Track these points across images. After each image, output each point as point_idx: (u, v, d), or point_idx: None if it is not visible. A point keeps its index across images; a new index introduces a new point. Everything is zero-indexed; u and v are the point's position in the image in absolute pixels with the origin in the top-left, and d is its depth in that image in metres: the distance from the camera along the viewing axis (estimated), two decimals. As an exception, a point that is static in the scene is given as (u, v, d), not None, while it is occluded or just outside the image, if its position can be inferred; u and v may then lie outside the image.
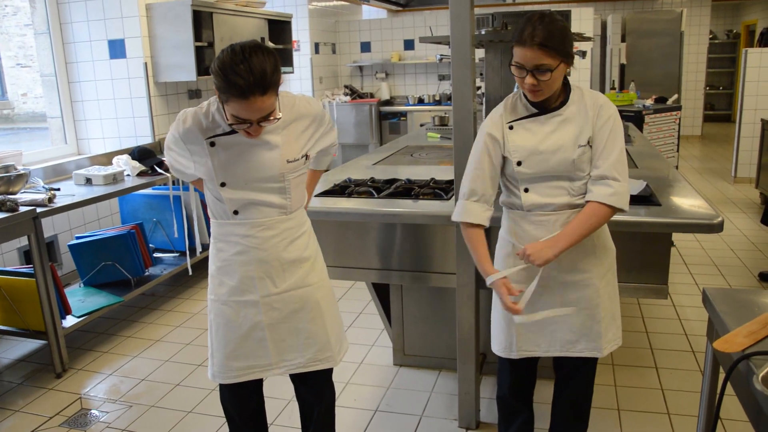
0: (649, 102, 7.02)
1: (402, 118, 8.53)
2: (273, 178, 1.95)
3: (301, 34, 8.05)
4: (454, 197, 2.61)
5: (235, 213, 1.97)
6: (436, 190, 2.81)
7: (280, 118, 1.88)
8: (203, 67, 4.98)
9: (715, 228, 2.27)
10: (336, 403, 2.35)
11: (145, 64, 4.93)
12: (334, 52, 8.97)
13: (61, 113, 5.07)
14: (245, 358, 2.08)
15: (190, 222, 4.62)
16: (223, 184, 1.94)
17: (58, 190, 3.76)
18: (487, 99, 3.50)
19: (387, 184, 2.97)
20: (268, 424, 2.41)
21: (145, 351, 3.71)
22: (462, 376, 2.70)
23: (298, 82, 8.21)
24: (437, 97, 8.66)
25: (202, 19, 4.96)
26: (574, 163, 1.99)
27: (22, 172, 3.65)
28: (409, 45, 8.96)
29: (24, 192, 3.61)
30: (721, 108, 13.59)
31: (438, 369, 3.33)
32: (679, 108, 6.99)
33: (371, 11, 10.43)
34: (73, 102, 5.13)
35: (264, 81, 1.73)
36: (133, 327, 4.05)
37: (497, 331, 2.23)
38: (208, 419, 2.97)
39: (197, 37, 4.88)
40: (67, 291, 3.74)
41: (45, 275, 3.29)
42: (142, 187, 4.18)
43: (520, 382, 2.33)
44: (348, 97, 8.61)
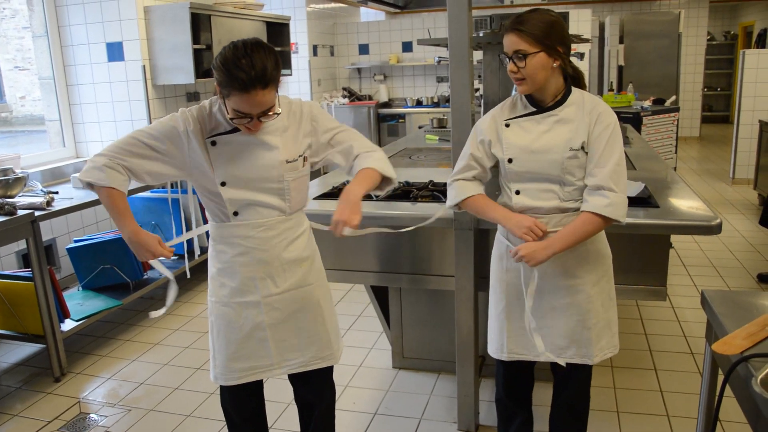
0: (647, 103, 7.03)
1: (400, 121, 8.53)
2: (272, 178, 1.96)
3: (299, 37, 8.05)
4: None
5: (235, 214, 1.98)
6: (435, 192, 2.81)
7: (279, 113, 1.91)
8: (202, 70, 4.98)
9: (714, 230, 2.28)
10: (335, 405, 2.35)
11: (144, 66, 4.93)
12: (332, 55, 8.98)
13: (59, 116, 5.07)
14: (247, 359, 2.08)
15: (188, 225, 4.61)
16: (223, 183, 1.95)
17: (57, 193, 3.75)
18: (485, 101, 3.50)
19: (385, 186, 2.96)
20: (269, 427, 2.41)
21: (144, 354, 3.70)
22: (461, 378, 2.70)
23: (297, 84, 8.21)
24: (435, 99, 8.66)
25: (200, 22, 4.96)
26: (563, 166, 1.99)
27: (20, 175, 3.65)
28: (407, 47, 8.97)
29: (22, 195, 3.60)
30: (719, 109, 13.60)
31: (437, 372, 3.33)
32: (677, 109, 7.00)
33: (369, 13, 10.44)
34: (71, 105, 5.13)
35: (265, 75, 1.77)
36: (131, 330, 4.05)
37: (491, 332, 2.26)
38: (208, 423, 2.97)
39: (195, 39, 4.88)
40: (65, 294, 3.73)
41: (43, 279, 3.29)
42: (140, 191, 4.18)
43: (514, 383, 2.34)
44: (346, 100, 8.62)
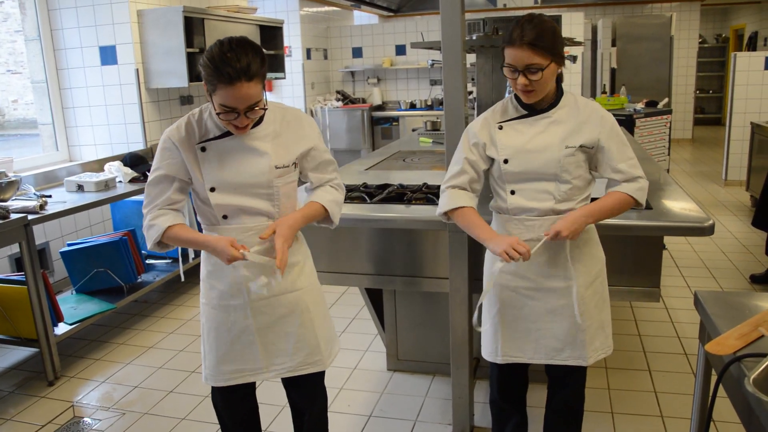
0: (639, 106, 7.07)
1: (394, 123, 8.55)
2: (262, 184, 1.96)
3: (292, 40, 8.06)
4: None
5: (225, 218, 1.98)
6: (429, 194, 2.81)
7: (266, 108, 1.92)
8: (195, 74, 4.98)
9: (706, 231, 2.29)
10: (330, 408, 2.35)
11: (137, 70, 4.92)
12: (325, 58, 8.98)
13: (52, 120, 5.06)
14: (235, 362, 2.08)
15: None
16: (212, 189, 1.95)
17: (50, 197, 3.74)
18: (478, 104, 3.51)
19: (379, 189, 2.97)
20: (262, 430, 2.40)
21: (138, 358, 3.69)
22: (456, 380, 2.70)
23: (290, 87, 8.21)
24: (429, 102, 8.68)
25: (193, 26, 4.96)
26: (560, 163, 2.00)
27: (13, 179, 3.63)
28: (400, 50, 8.98)
29: (15, 199, 3.59)
30: (711, 111, 13.68)
31: (432, 374, 3.34)
32: (669, 112, 7.05)
33: (363, 17, 10.45)
34: (64, 108, 5.11)
35: (250, 69, 1.79)
36: (125, 334, 4.04)
37: (485, 335, 2.25)
38: (202, 426, 2.96)
39: (189, 43, 4.88)
40: (59, 298, 3.72)
41: (36, 282, 3.28)
42: (134, 194, 4.17)
43: (508, 385, 2.34)
44: (340, 103, 8.62)
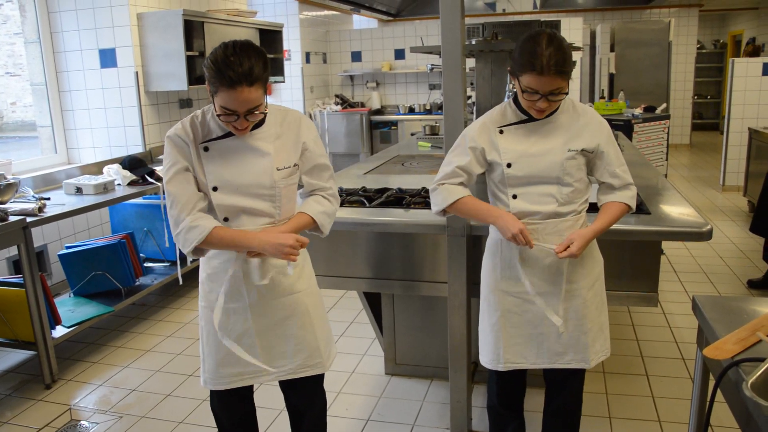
0: (638, 111, 7.08)
1: (393, 128, 8.56)
2: (264, 184, 1.97)
3: (292, 44, 8.07)
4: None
5: (225, 220, 1.98)
6: (427, 199, 2.81)
7: (266, 113, 1.94)
8: (194, 77, 4.98)
9: (704, 236, 2.29)
10: (327, 412, 2.34)
11: (136, 73, 4.92)
12: (325, 62, 9.00)
13: (51, 122, 5.05)
14: (235, 365, 2.08)
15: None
16: (215, 189, 1.95)
17: (48, 199, 3.74)
18: (477, 108, 3.52)
19: (378, 193, 2.97)
20: (260, 434, 2.40)
21: (136, 361, 3.69)
22: (454, 384, 2.70)
23: (289, 91, 8.22)
24: (428, 107, 8.69)
25: (193, 29, 4.96)
26: (563, 166, 2.01)
27: (12, 181, 3.63)
28: (399, 54, 9.00)
29: (14, 201, 3.59)
30: (709, 117, 13.71)
31: (430, 378, 3.33)
32: (667, 117, 7.06)
33: (362, 21, 10.47)
34: (63, 111, 5.11)
35: (252, 73, 1.80)
36: (123, 337, 4.03)
37: (485, 343, 2.24)
38: (200, 429, 2.96)
39: (188, 46, 4.88)
40: (56, 301, 3.71)
41: (35, 285, 3.27)
42: (133, 197, 4.17)
43: (508, 392, 2.34)
44: (339, 107, 8.63)
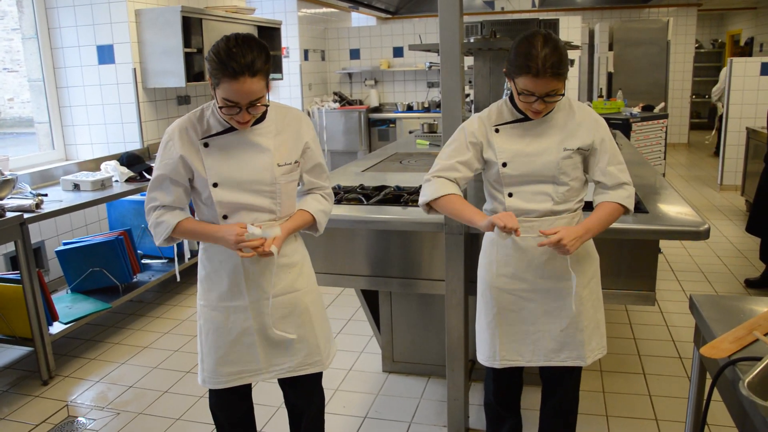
0: (636, 110, 7.08)
1: (391, 125, 8.55)
2: (265, 180, 1.96)
3: (290, 41, 8.06)
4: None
5: (225, 218, 1.98)
6: (426, 196, 2.81)
7: (268, 105, 1.94)
8: (192, 73, 4.97)
9: (702, 235, 2.30)
10: (325, 409, 2.34)
11: (134, 69, 4.91)
12: (323, 59, 8.98)
13: (48, 118, 5.04)
14: (235, 364, 2.08)
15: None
16: (215, 185, 1.95)
17: (46, 195, 3.73)
18: (476, 106, 3.52)
19: (376, 191, 2.97)
20: (258, 431, 2.40)
21: (133, 358, 3.69)
22: (451, 382, 2.70)
23: (288, 88, 8.21)
24: (426, 105, 8.69)
25: (191, 26, 4.95)
26: (558, 165, 2.01)
27: (9, 177, 3.62)
28: (398, 52, 8.99)
29: (11, 197, 3.58)
30: (707, 116, 13.72)
31: (427, 375, 3.34)
32: (665, 116, 7.07)
33: (360, 18, 10.46)
34: (61, 107, 5.10)
35: (254, 65, 1.81)
36: (120, 334, 4.03)
37: (481, 340, 2.25)
38: (197, 426, 2.96)
39: (186, 43, 4.88)
40: (54, 297, 3.71)
41: (32, 281, 3.27)
42: (131, 193, 4.16)
43: (504, 389, 2.34)
44: (337, 104, 8.62)
